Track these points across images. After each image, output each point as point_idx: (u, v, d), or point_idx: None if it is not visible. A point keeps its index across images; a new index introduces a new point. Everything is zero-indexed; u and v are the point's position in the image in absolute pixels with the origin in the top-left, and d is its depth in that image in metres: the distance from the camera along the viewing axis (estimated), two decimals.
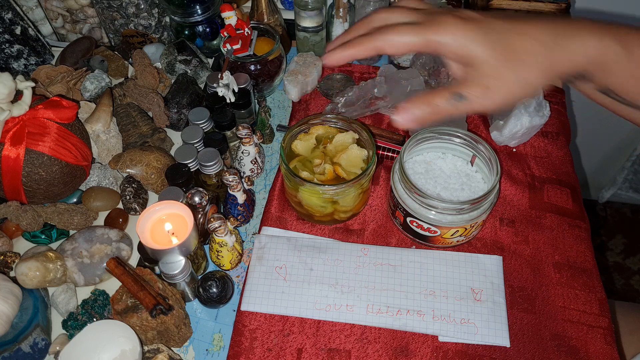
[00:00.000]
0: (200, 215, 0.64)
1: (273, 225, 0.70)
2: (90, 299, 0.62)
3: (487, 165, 0.64)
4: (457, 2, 0.95)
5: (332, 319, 0.62)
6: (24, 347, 0.57)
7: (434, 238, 0.65)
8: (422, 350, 0.60)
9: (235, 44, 0.77)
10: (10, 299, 0.58)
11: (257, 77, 0.81)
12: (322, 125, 0.70)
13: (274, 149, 0.81)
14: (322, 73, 0.89)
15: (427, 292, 0.63)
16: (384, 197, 0.73)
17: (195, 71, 0.86)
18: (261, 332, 0.61)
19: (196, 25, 0.88)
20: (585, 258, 0.67)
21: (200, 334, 0.62)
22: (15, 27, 0.84)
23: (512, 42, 0.45)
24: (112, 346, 0.57)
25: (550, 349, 0.60)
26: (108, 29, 0.92)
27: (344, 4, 0.84)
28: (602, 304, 0.63)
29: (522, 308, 0.63)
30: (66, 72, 0.82)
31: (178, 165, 0.67)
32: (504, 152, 0.78)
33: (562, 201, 0.72)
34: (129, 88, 0.79)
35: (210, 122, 0.73)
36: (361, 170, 0.65)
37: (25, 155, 0.64)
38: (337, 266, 0.65)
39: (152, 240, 0.58)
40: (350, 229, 0.70)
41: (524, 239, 0.69)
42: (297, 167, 0.67)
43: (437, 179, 0.66)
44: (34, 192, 0.67)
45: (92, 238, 0.66)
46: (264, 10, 0.86)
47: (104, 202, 0.70)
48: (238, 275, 0.67)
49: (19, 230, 0.69)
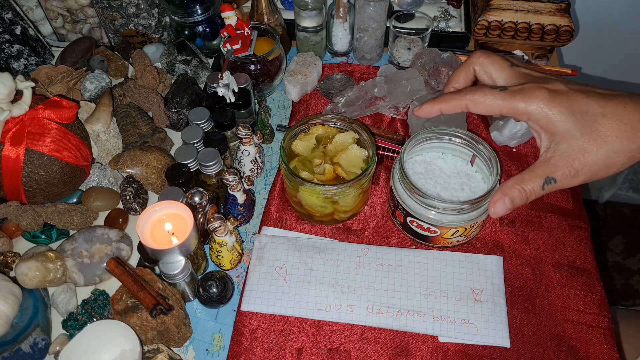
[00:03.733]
0: (200, 215, 0.64)
1: (273, 225, 0.70)
2: (90, 299, 0.62)
3: (487, 165, 0.64)
4: (457, 2, 0.95)
5: (332, 319, 0.62)
6: (24, 347, 0.57)
7: (434, 238, 0.65)
8: (422, 350, 0.60)
9: (235, 44, 0.77)
10: (10, 299, 0.58)
11: (257, 77, 0.81)
12: (322, 125, 0.70)
13: (274, 149, 0.81)
14: (322, 73, 0.89)
15: (427, 293, 0.63)
16: (384, 197, 0.73)
17: (195, 71, 0.86)
18: (261, 332, 0.61)
19: (196, 25, 0.88)
20: (585, 258, 0.67)
21: (200, 334, 0.62)
22: (15, 27, 0.84)
23: (599, 124, 0.45)
24: (112, 346, 0.57)
25: (550, 349, 0.60)
26: (108, 29, 0.92)
27: (344, 4, 0.84)
28: (602, 304, 0.63)
29: (522, 308, 0.63)
30: (66, 72, 0.82)
31: (178, 165, 0.67)
32: (504, 152, 0.78)
33: (562, 201, 0.72)
34: (129, 88, 0.79)
35: (210, 122, 0.73)
36: (361, 170, 0.65)
37: (25, 155, 0.64)
38: (337, 266, 0.65)
39: (152, 240, 0.58)
40: (350, 229, 0.70)
41: (524, 239, 0.69)
42: (297, 167, 0.67)
43: (437, 179, 0.66)
44: (34, 192, 0.67)
45: (92, 238, 0.66)
46: (264, 10, 0.86)
47: (104, 202, 0.70)
48: (238, 275, 0.67)
49: (19, 230, 0.69)
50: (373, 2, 0.81)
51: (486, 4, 0.85)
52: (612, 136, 0.45)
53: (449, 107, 0.53)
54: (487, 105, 0.49)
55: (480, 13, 0.86)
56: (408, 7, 0.94)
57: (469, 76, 0.54)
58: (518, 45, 0.89)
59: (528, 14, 0.84)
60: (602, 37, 1.22)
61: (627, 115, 0.45)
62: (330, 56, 0.94)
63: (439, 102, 0.53)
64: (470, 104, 0.50)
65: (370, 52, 0.89)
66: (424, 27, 0.86)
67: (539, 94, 0.46)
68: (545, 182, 0.47)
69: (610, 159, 0.45)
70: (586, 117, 0.45)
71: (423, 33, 0.85)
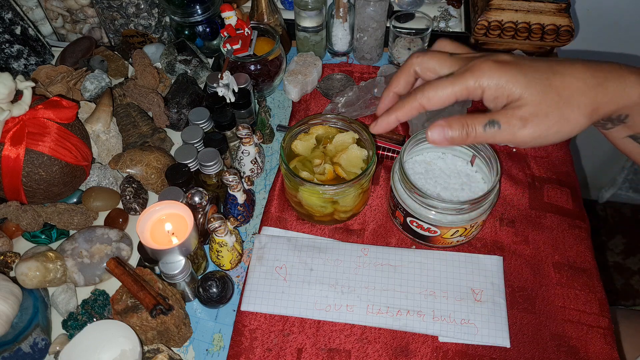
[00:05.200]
0: (200, 215, 0.64)
1: (273, 225, 0.70)
2: (90, 299, 0.62)
3: (487, 165, 0.64)
4: (457, 2, 0.95)
5: (332, 319, 0.62)
6: (24, 347, 0.57)
7: (434, 238, 0.65)
8: (422, 350, 0.60)
9: (235, 44, 0.77)
10: (10, 299, 0.58)
11: (257, 77, 0.81)
12: (322, 125, 0.70)
13: (274, 149, 0.81)
14: (322, 73, 0.89)
15: (427, 293, 0.63)
16: (384, 197, 0.73)
17: (195, 71, 0.86)
18: (261, 332, 0.61)
19: (196, 25, 0.88)
20: (585, 258, 0.67)
21: (200, 334, 0.62)
22: (15, 27, 0.84)
23: (553, 81, 0.45)
24: (112, 346, 0.57)
25: (550, 349, 0.60)
26: (108, 29, 0.92)
27: (344, 4, 0.84)
28: (602, 304, 0.63)
29: (522, 308, 0.63)
30: (66, 72, 0.82)
31: (178, 165, 0.67)
32: (504, 152, 0.78)
33: (562, 201, 0.72)
34: (129, 88, 0.79)
35: (210, 122, 0.73)
36: (361, 170, 0.65)
37: (25, 155, 0.64)
38: (337, 266, 0.65)
39: (152, 240, 0.58)
40: (350, 229, 0.70)
41: (524, 239, 0.69)
42: (297, 167, 0.67)
43: (437, 179, 0.66)
44: (34, 192, 0.67)
45: (92, 238, 0.66)
46: (264, 10, 0.86)
47: (104, 202, 0.70)
48: (238, 275, 0.67)
49: (19, 230, 0.69)
50: (373, 2, 0.81)
51: (486, 4, 0.85)
52: (565, 89, 0.44)
53: (404, 114, 0.50)
54: (440, 97, 0.48)
55: (480, 13, 0.86)
56: (408, 7, 0.94)
57: (410, 78, 0.53)
58: (518, 45, 0.89)
59: (528, 14, 0.84)
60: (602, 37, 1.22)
61: (578, 72, 0.45)
62: (330, 56, 0.94)
63: (394, 112, 0.51)
64: (425, 101, 0.49)
65: (370, 52, 0.89)
66: (424, 27, 0.86)
67: (486, 66, 0.46)
68: (488, 124, 0.46)
69: (562, 111, 0.45)
70: (537, 76, 0.45)
71: (423, 33, 0.85)
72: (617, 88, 0.45)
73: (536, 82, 0.45)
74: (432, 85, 0.48)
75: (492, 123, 0.46)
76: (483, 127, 0.46)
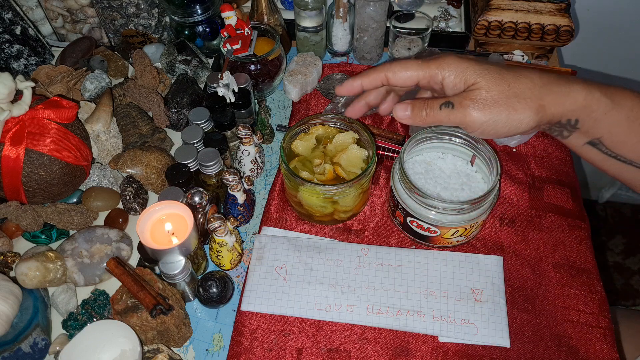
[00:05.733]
0: (200, 215, 0.64)
1: (273, 225, 0.70)
2: (90, 299, 0.62)
3: (487, 165, 0.64)
4: (457, 2, 0.95)
5: (332, 319, 0.62)
6: (24, 347, 0.57)
7: (434, 238, 0.65)
8: (422, 350, 0.60)
9: (235, 44, 0.77)
10: (10, 299, 0.58)
11: (257, 77, 0.81)
12: (322, 125, 0.70)
13: (274, 149, 0.81)
14: (322, 73, 0.89)
15: (427, 293, 0.63)
16: (384, 197, 0.73)
17: (195, 71, 0.86)
18: (261, 332, 0.61)
19: (196, 25, 0.88)
20: (585, 258, 0.67)
21: (200, 334, 0.62)
22: (15, 27, 0.84)
23: (505, 75, 0.51)
24: (112, 346, 0.57)
25: (550, 349, 0.60)
26: (108, 29, 0.92)
27: (344, 4, 0.84)
28: (602, 304, 0.63)
29: (522, 308, 0.63)
30: (66, 72, 0.82)
31: (178, 165, 0.67)
32: (504, 152, 0.78)
33: (562, 201, 0.72)
34: (129, 88, 0.79)
35: (210, 122, 0.73)
36: (361, 170, 0.65)
37: (25, 155, 0.64)
38: (337, 266, 0.65)
39: (152, 240, 0.58)
40: (350, 229, 0.70)
41: (524, 239, 0.69)
42: (297, 167, 0.67)
43: (437, 179, 0.66)
44: (34, 192, 0.67)
45: (92, 238, 0.66)
46: (264, 10, 0.86)
47: (104, 202, 0.70)
48: (238, 275, 0.67)
49: (19, 230, 0.69)
50: (373, 2, 0.81)
51: (486, 4, 0.85)
52: (515, 83, 0.50)
53: (369, 81, 0.57)
54: (404, 75, 0.54)
55: (480, 13, 0.86)
56: (408, 7, 0.94)
57: (380, 77, 0.56)
58: (518, 45, 0.89)
59: (528, 14, 0.84)
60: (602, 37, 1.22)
61: (528, 73, 0.51)
62: (330, 56, 0.94)
63: (359, 78, 0.57)
64: (390, 74, 0.54)
65: (370, 52, 0.89)
66: (424, 27, 0.86)
67: (449, 57, 0.52)
68: (444, 104, 0.52)
69: (510, 100, 0.50)
70: (492, 69, 0.51)
71: (423, 33, 0.85)
72: (562, 90, 0.50)
73: (490, 73, 0.51)
74: (400, 63, 0.54)
75: (447, 104, 0.52)
76: (439, 106, 0.52)
